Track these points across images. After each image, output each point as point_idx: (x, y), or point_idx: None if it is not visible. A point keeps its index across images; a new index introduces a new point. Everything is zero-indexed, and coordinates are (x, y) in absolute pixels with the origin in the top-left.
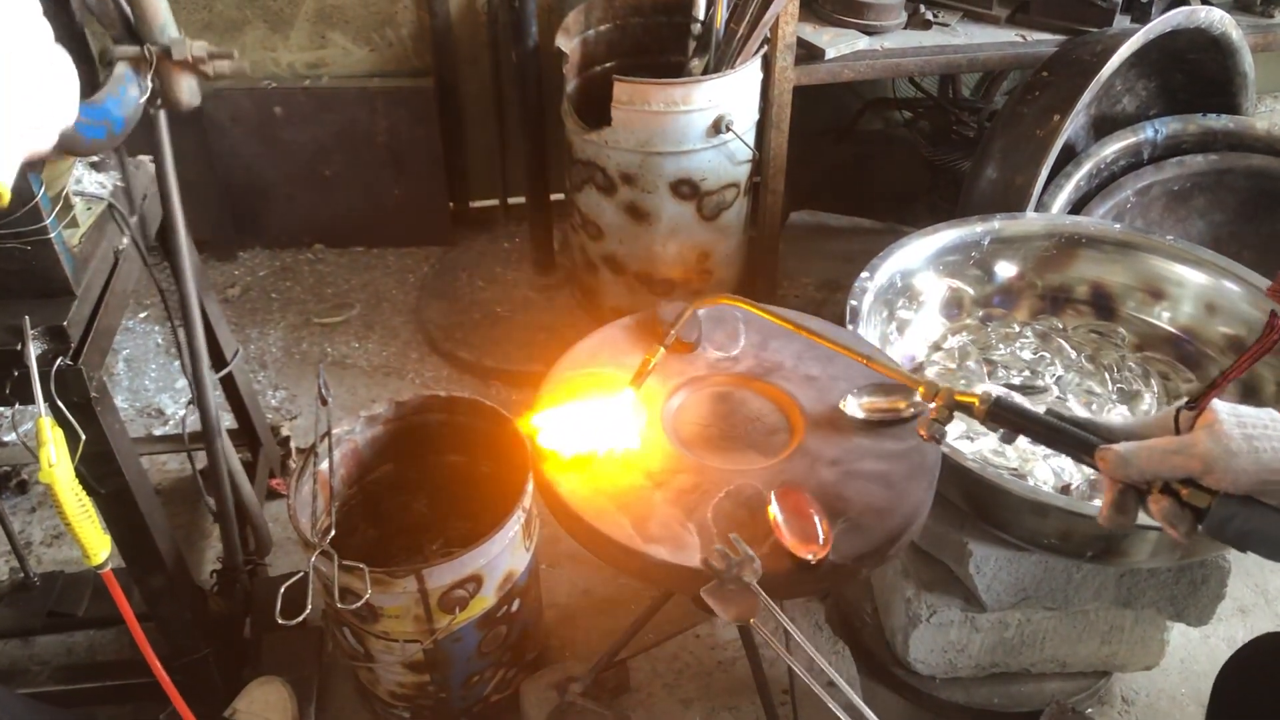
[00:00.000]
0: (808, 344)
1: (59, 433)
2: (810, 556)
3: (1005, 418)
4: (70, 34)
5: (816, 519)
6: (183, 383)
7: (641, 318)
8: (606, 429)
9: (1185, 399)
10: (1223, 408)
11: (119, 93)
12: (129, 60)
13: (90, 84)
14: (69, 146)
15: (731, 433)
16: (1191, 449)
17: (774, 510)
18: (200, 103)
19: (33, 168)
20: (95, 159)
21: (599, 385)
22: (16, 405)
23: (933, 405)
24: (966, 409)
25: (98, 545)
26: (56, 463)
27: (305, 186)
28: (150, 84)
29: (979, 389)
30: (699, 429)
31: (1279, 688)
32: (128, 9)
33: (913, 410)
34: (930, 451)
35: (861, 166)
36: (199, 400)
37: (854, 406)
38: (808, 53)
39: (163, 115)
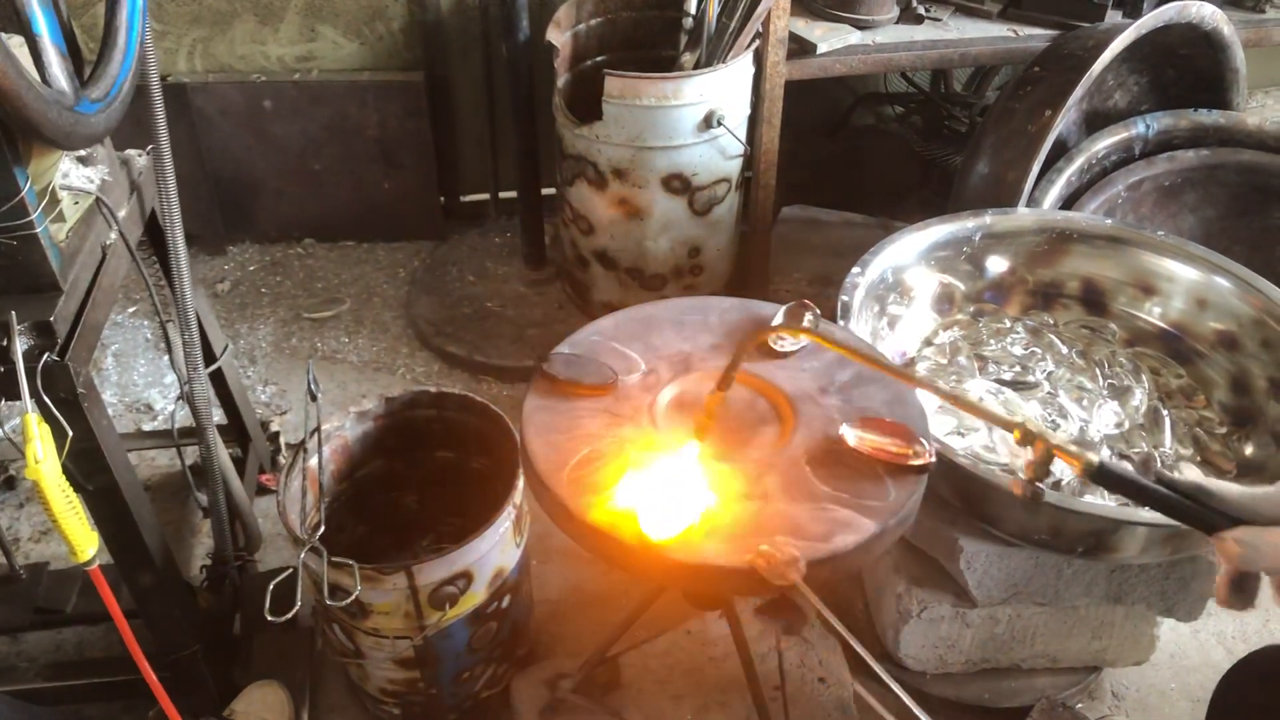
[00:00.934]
0: (678, 326)
1: (45, 429)
2: (929, 457)
3: (1110, 484)
4: (60, 29)
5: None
6: (171, 378)
7: (542, 384)
8: (691, 491)
9: None
10: None
11: (96, 98)
12: None
13: (78, 73)
14: (43, 134)
15: (729, 424)
16: None
17: (860, 441)
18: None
19: (18, 160)
20: (82, 153)
21: (623, 460)
22: (4, 401)
23: (1028, 457)
24: (1068, 465)
25: (84, 542)
26: (43, 459)
27: (295, 181)
28: None
29: (1068, 442)
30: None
31: (1276, 701)
32: None
33: (811, 320)
34: (853, 339)
35: (853, 161)
36: (191, 394)
37: (788, 343)
38: (799, 47)
39: (159, 110)
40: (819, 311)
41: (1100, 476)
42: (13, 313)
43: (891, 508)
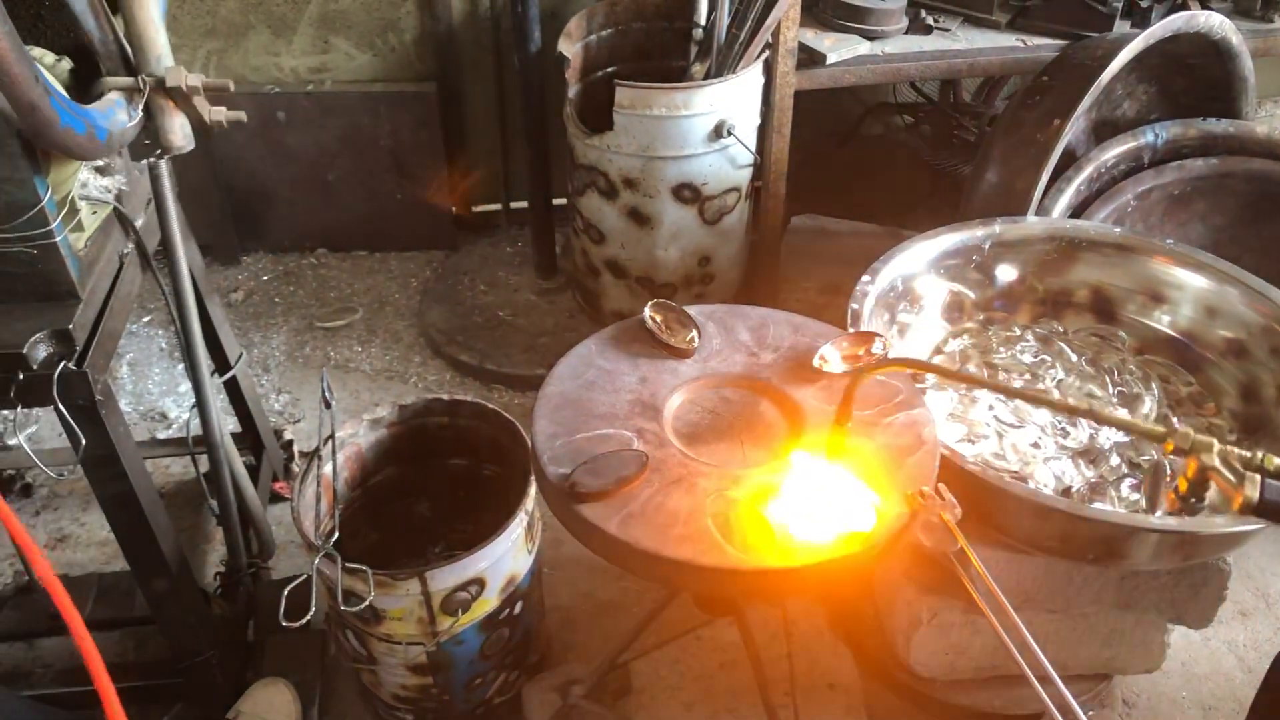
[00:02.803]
0: (593, 386)
1: None
2: (886, 340)
3: (1272, 515)
4: (76, 48)
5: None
6: (186, 386)
7: (593, 502)
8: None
9: None
10: None
11: (105, 110)
12: (121, 90)
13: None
14: (58, 142)
15: (731, 427)
16: None
17: (845, 362)
18: (193, 147)
19: (39, 170)
20: (100, 163)
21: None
22: (20, 409)
23: (1183, 472)
24: (1222, 491)
25: None
26: None
27: (308, 191)
28: (141, 114)
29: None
30: (724, 449)
31: None
32: (124, 41)
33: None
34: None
35: (863, 171)
36: (199, 405)
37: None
38: (809, 57)
39: (164, 165)
40: (1168, 452)
41: (1266, 508)
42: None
43: (913, 389)
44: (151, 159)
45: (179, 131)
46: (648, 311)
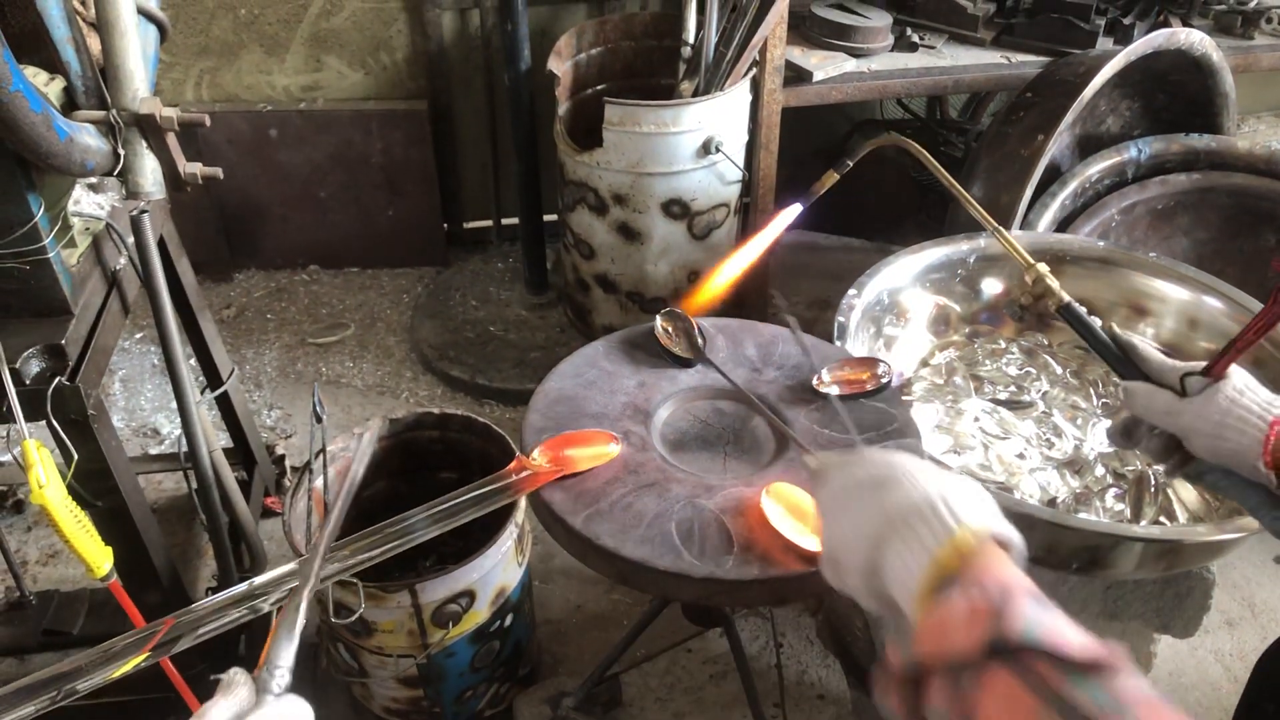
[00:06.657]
0: (591, 386)
1: (45, 453)
2: (892, 370)
3: (1068, 320)
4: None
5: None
6: None
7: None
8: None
9: (1204, 364)
10: (1228, 388)
11: (74, 123)
12: (94, 123)
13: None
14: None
15: (719, 439)
16: (1178, 418)
17: (840, 387)
18: (161, 195)
19: (32, 187)
20: (93, 180)
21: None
22: (11, 424)
23: (1030, 278)
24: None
25: (99, 558)
26: (47, 483)
27: (300, 208)
28: (115, 148)
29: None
30: (706, 458)
31: None
32: (100, 75)
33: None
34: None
35: (850, 187)
36: (184, 425)
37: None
38: (796, 75)
39: (146, 222)
40: (690, 318)
41: (1064, 314)
42: None
43: (908, 419)
44: (133, 211)
45: (149, 176)
46: (659, 320)
